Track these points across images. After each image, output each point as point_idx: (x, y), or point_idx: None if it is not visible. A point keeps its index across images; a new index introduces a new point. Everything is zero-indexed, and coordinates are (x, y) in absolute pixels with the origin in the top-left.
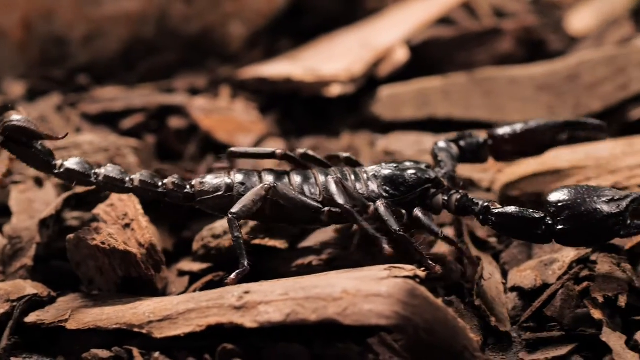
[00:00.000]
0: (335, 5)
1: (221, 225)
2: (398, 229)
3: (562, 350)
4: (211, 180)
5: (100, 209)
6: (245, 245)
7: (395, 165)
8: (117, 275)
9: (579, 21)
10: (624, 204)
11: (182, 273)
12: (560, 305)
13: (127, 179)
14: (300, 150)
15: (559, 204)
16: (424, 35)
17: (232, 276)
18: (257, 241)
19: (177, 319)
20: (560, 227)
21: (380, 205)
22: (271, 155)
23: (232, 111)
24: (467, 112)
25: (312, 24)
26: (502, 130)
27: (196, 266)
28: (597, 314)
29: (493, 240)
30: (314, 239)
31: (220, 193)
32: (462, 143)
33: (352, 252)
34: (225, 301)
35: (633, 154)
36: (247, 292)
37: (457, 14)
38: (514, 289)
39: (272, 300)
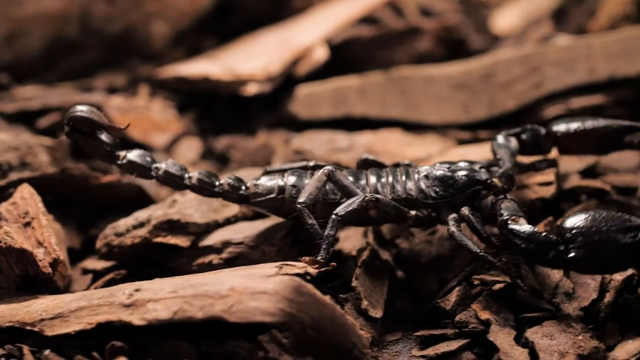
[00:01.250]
0: (262, 5)
1: (124, 223)
2: (478, 251)
3: (453, 346)
4: (265, 182)
5: (2, 207)
6: (148, 243)
7: (448, 166)
8: (15, 273)
9: (504, 20)
10: None
11: (85, 271)
12: (455, 303)
13: (187, 176)
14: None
15: (574, 231)
16: (345, 35)
17: (308, 258)
18: (159, 239)
19: (68, 316)
20: (572, 254)
21: (454, 229)
22: (304, 168)
23: (149, 110)
24: (383, 111)
25: (239, 23)
26: (565, 126)
27: (99, 264)
28: (484, 315)
29: (398, 240)
30: (215, 237)
31: (272, 195)
32: (523, 136)
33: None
34: (115, 299)
35: None
36: (137, 290)
37: (382, 13)
38: None
39: (161, 298)
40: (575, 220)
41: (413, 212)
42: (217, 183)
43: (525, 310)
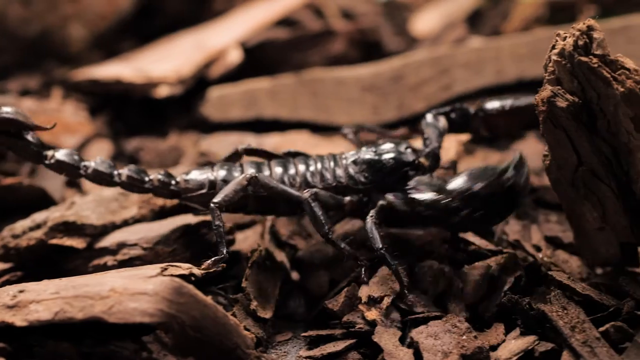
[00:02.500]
0: (183, 7)
1: (21, 225)
2: (380, 247)
3: (339, 347)
4: (195, 177)
5: None
6: (44, 245)
7: (374, 150)
8: None
9: (424, 23)
10: None
11: None
12: (343, 303)
13: (116, 173)
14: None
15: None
16: (260, 37)
17: (209, 261)
18: (54, 241)
19: None
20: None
21: (369, 221)
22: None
23: (60, 112)
24: (294, 113)
25: (160, 26)
26: (491, 105)
27: None
28: (371, 315)
29: (292, 241)
30: (111, 239)
31: (204, 191)
32: (452, 115)
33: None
34: (0, 300)
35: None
36: (21, 291)
37: (302, 15)
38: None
39: (43, 299)
40: (460, 183)
41: (347, 199)
42: (146, 179)
43: (412, 311)
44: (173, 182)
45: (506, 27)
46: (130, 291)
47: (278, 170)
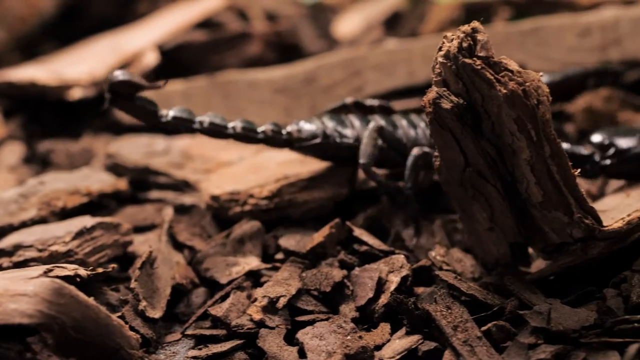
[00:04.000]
0: (107, 10)
1: None
2: (410, 186)
3: (225, 347)
4: (307, 127)
5: None
6: None
7: None
8: None
9: (346, 25)
10: None
11: None
12: (230, 304)
13: (230, 125)
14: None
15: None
16: (178, 40)
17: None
18: None
19: None
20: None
21: (414, 155)
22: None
23: None
24: None
25: (84, 28)
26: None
27: None
28: (257, 316)
29: (190, 242)
30: (8, 240)
31: (318, 140)
32: None
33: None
34: None
35: None
36: None
37: (225, 17)
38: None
39: None
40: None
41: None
42: (259, 130)
43: (300, 312)
44: (284, 132)
45: (423, 29)
46: (10, 292)
47: (400, 122)
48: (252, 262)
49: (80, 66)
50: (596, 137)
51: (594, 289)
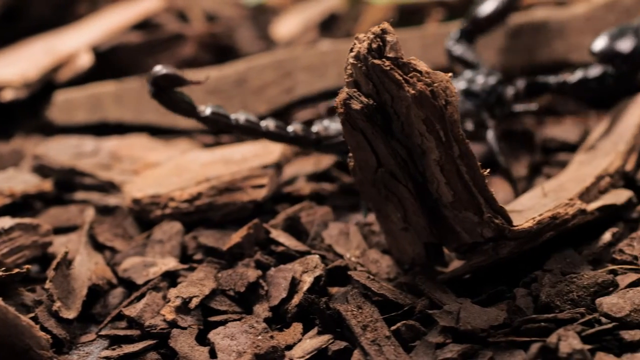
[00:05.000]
0: (48, 11)
1: None
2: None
3: (138, 347)
4: (334, 125)
5: None
6: None
7: (468, 79)
8: None
9: (286, 26)
10: None
11: None
12: (145, 304)
13: (263, 124)
14: None
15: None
16: (113, 41)
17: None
18: None
19: None
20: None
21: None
22: None
23: None
24: (138, 116)
25: (24, 29)
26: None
27: None
28: (170, 316)
29: (111, 243)
30: None
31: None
32: (464, 33)
33: None
34: None
35: (264, 156)
36: None
37: (165, 18)
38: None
39: None
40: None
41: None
42: (290, 130)
43: (213, 313)
44: (313, 131)
45: (357, 30)
46: None
47: None
48: (169, 262)
49: (12, 68)
50: (598, 46)
51: (504, 289)
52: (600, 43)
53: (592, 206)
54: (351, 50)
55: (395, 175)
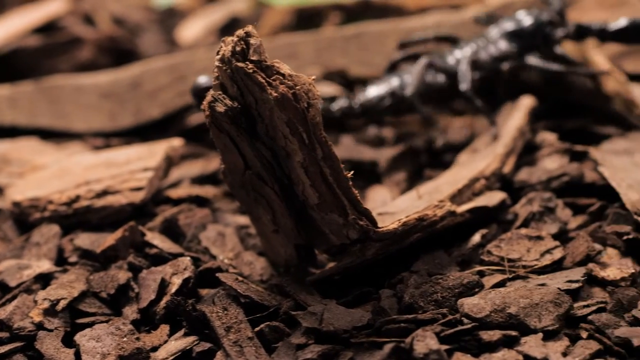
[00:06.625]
0: None
1: None
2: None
3: (4, 349)
4: (373, 92)
5: None
6: None
7: (515, 19)
8: None
9: (190, 30)
10: None
11: None
12: (15, 306)
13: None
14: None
15: None
16: (13, 44)
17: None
18: None
19: None
20: None
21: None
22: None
23: None
24: (32, 120)
25: None
26: None
27: None
28: (37, 318)
29: None
30: None
31: (387, 102)
32: None
33: None
34: None
35: (147, 158)
36: None
37: (69, 21)
38: None
39: None
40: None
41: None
42: (333, 110)
43: (82, 315)
44: (356, 104)
45: (258, 33)
46: None
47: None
48: (44, 265)
49: None
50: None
51: (371, 290)
52: None
53: (463, 208)
54: (217, 53)
55: (262, 178)
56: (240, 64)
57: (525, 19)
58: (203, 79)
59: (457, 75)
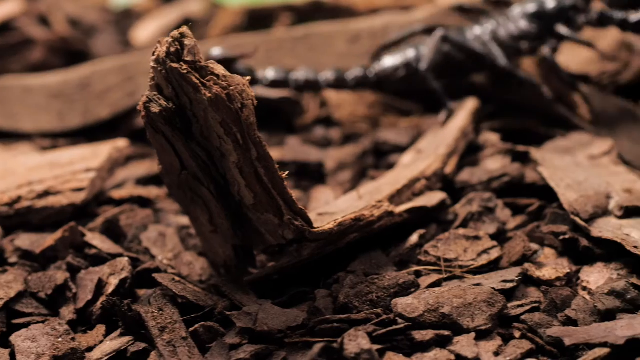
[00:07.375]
0: None
1: None
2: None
3: None
4: (389, 62)
5: None
6: None
7: (539, 0)
8: None
9: (145, 31)
10: None
11: None
12: None
13: (322, 78)
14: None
15: None
16: None
17: (441, 116)
18: None
19: None
20: None
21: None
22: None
23: None
24: None
25: None
26: None
27: None
28: None
29: None
30: None
31: (402, 73)
32: None
33: None
34: None
35: (90, 159)
36: None
37: (24, 22)
38: None
39: None
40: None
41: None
42: (348, 79)
43: (18, 315)
44: (371, 74)
45: (208, 34)
46: None
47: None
48: None
49: None
50: None
51: (307, 290)
52: None
53: (401, 208)
54: (153, 54)
55: (198, 178)
56: (174, 65)
57: (549, 1)
58: (216, 51)
59: (485, 54)
